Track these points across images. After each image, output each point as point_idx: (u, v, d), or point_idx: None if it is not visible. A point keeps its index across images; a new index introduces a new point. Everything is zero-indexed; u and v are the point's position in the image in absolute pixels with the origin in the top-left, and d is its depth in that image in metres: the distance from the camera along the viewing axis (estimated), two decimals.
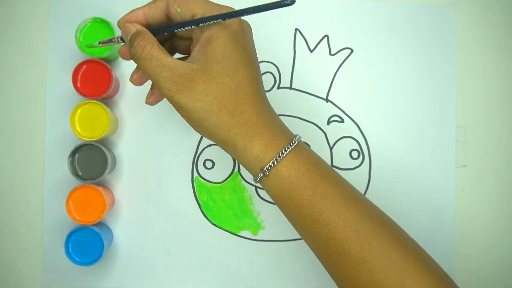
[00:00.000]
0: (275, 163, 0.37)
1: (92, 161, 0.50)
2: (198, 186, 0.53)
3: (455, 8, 0.56)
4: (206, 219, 0.53)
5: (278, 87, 0.54)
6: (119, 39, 0.40)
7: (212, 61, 0.36)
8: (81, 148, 0.50)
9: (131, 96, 0.53)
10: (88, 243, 0.49)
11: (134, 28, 0.37)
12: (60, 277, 0.52)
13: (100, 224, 0.51)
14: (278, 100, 0.54)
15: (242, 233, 0.54)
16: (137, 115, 0.53)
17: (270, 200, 0.53)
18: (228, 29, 0.37)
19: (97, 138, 0.49)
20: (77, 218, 0.49)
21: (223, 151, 0.54)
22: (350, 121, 0.54)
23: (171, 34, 0.41)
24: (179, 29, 0.37)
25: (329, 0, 0.55)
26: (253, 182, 0.53)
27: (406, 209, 0.54)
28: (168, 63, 0.36)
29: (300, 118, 0.54)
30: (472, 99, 0.56)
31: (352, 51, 0.55)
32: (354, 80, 0.55)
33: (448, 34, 0.55)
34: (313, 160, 0.39)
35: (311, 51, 0.55)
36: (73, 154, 0.49)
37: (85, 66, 0.49)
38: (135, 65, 0.53)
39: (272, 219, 0.54)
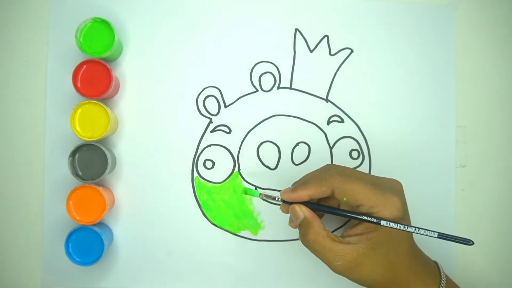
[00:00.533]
0: None
1: (92, 161, 0.50)
2: (198, 186, 0.53)
3: (455, 8, 0.56)
4: (206, 219, 0.53)
5: (278, 87, 0.54)
6: (279, 199, 0.44)
7: (378, 246, 0.41)
8: (81, 148, 0.50)
9: (131, 96, 0.53)
10: (88, 243, 0.49)
11: (302, 214, 0.43)
12: (60, 277, 0.52)
13: (100, 224, 0.51)
14: (278, 100, 0.54)
15: (242, 233, 0.54)
16: (137, 115, 0.53)
17: (271, 200, 0.53)
18: (392, 215, 0.40)
19: (97, 138, 0.49)
20: (77, 218, 0.49)
21: (223, 151, 0.54)
22: (350, 121, 0.54)
23: None
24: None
25: (329, 0, 0.55)
26: (254, 183, 0.53)
27: None
28: (339, 251, 0.41)
29: (300, 118, 0.54)
30: (472, 99, 0.56)
31: (352, 51, 0.55)
32: (354, 80, 0.55)
33: (448, 34, 0.55)
34: None
35: (311, 51, 0.55)
36: (73, 154, 0.49)
37: (85, 66, 0.49)
38: (136, 66, 0.53)
39: (272, 219, 0.54)
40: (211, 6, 0.54)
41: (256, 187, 0.54)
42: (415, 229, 0.39)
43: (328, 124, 0.54)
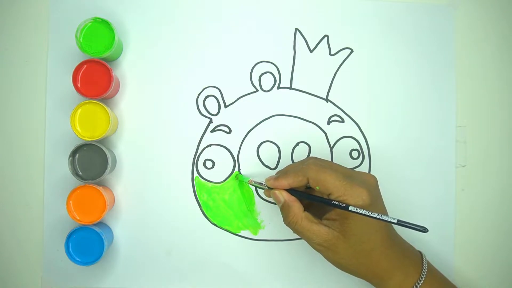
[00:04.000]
0: None
1: (92, 161, 0.50)
2: (198, 186, 0.53)
3: (455, 8, 0.56)
4: (206, 219, 0.53)
5: (278, 87, 0.54)
6: (267, 186, 0.48)
7: (350, 234, 0.43)
8: (81, 148, 0.50)
9: (131, 96, 0.53)
10: (88, 243, 0.49)
11: (282, 198, 0.46)
12: (60, 277, 0.52)
13: (101, 224, 0.51)
14: (278, 100, 0.54)
15: (242, 233, 0.54)
16: (137, 115, 0.53)
17: (270, 200, 0.53)
18: (357, 204, 0.43)
19: (97, 138, 0.49)
20: (78, 218, 0.49)
21: (223, 151, 0.54)
22: (350, 121, 0.54)
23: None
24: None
25: (329, 0, 0.55)
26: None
27: (406, 209, 0.54)
28: (315, 231, 0.44)
29: (300, 118, 0.54)
30: (472, 99, 0.56)
31: (352, 51, 0.55)
32: (354, 80, 0.55)
33: (448, 34, 0.55)
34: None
35: (311, 51, 0.55)
36: (73, 154, 0.49)
37: (85, 66, 0.49)
38: (136, 66, 0.53)
39: (272, 219, 0.54)
40: (211, 6, 0.54)
41: (256, 187, 0.54)
42: (377, 215, 0.41)
43: (328, 124, 0.54)
